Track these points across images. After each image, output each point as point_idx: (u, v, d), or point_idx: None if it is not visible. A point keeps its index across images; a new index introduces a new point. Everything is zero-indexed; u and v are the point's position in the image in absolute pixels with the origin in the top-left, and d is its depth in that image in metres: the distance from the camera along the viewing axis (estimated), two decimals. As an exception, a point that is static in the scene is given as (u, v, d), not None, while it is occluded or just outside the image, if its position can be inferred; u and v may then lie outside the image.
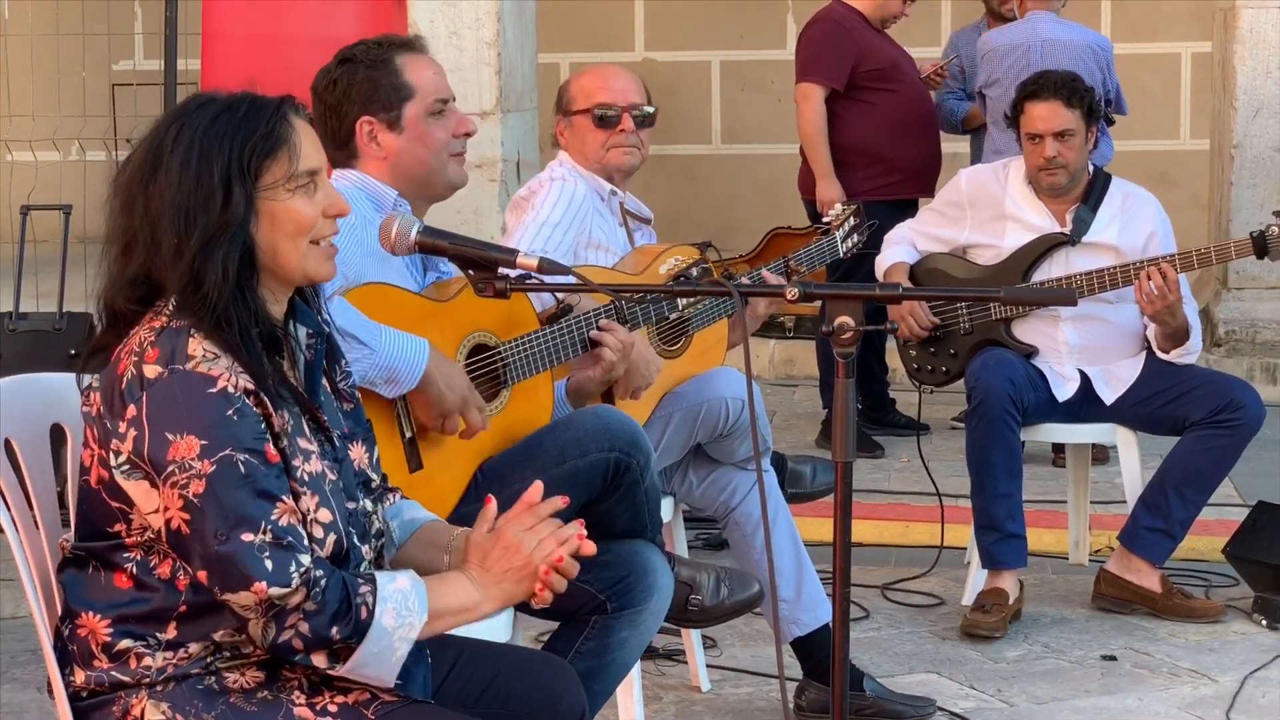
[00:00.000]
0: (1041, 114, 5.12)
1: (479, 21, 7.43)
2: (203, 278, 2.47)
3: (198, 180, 2.49)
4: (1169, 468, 5.06)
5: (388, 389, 3.28)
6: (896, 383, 7.52)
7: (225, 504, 2.40)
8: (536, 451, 3.44)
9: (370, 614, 2.46)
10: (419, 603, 2.51)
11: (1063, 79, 5.21)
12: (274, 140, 2.53)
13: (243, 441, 2.43)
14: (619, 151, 4.29)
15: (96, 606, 2.53)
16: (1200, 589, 5.29)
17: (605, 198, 4.31)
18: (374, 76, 3.54)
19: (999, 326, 5.23)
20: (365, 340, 3.20)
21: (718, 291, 3.00)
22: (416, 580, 2.54)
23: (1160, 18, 10.70)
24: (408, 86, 3.54)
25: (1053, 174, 5.13)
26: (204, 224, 2.48)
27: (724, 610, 3.78)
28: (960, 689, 4.57)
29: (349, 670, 2.49)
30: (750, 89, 11.10)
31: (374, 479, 2.74)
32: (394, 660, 2.50)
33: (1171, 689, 4.56)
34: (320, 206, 2.57)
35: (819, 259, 4.47)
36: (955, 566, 5.48)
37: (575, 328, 3.63)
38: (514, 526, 2.61)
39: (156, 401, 2.43)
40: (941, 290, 5.20)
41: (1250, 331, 8.38)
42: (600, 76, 4.34)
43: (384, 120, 3.55)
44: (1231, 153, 8.28)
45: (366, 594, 2.47)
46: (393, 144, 3.55)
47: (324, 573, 2.45)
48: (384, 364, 3.24)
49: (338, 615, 2.44)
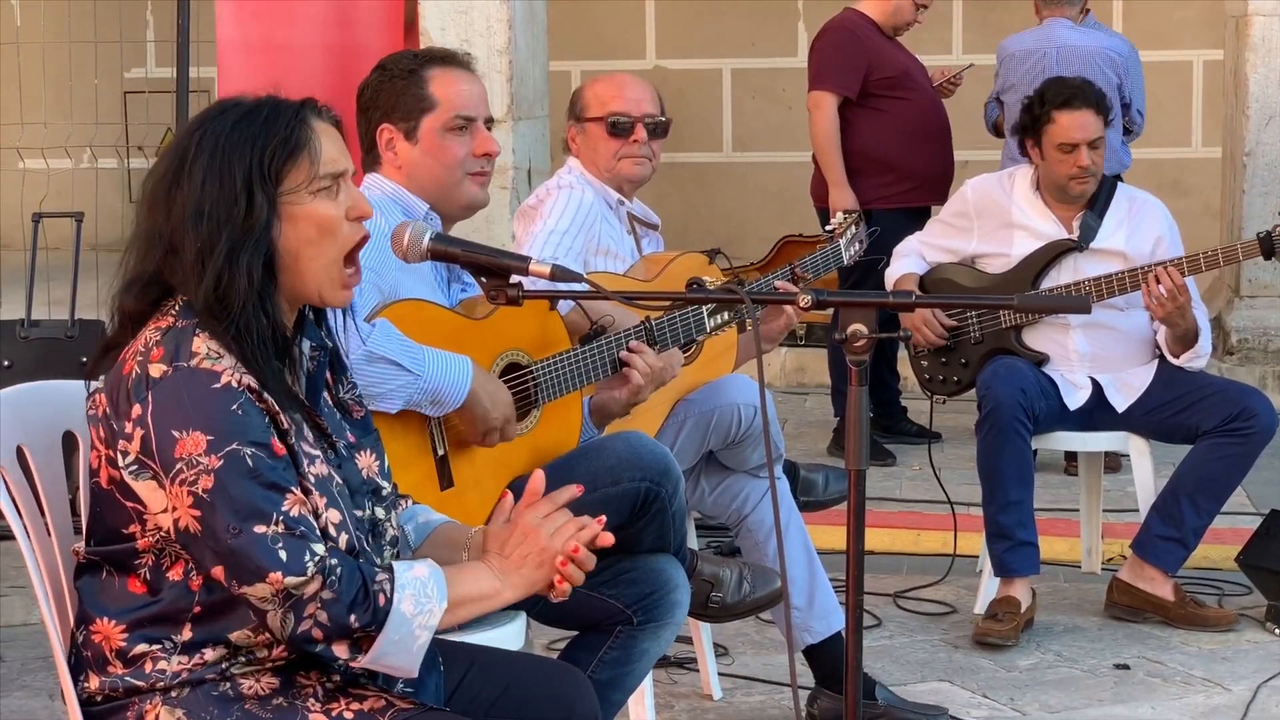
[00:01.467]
0: (1077, 123, 5.08)
1: (490, 29, 7.44)
2: (228, 287, 2.47)
3: (220, 186, 2.49)
4: (1182, 476, 5.05)
5: (433, 410, 3.31)
6: (908, 390, 7.52)
7: (235, 497, 2.40)
8: (568, 476, 3.44)
9: (389, 601, 2.45)
10: (438, 590, 2.50)
11: (1090, 87, 5.19)
12: (294, 144, 2.53)
13: (249, 435, 2.43)
14: (630, 162, 4.29)
15: (111, 611, 2.53)
16: (1213, 598, 5.28)
17: (613, 206, 4.31)
18: (400, 85, 3.57)
19: (1010, 335, 5.22)
20: (409, 367, 3.23)
21: (730, 299, 3.00)
22: (435, 568, 2.54)
23: (1171, 25, 10.69)
24: (430, 99, 3.56)
25: (1084, 182, 5.12)
26: (229, 231, 2.48)
27: (745, 607, 3.80)
28: (973, 698, 4.56)
29: (371, 660, 2.48)
30: (761, 97, 11.10)
31: (385, 487, 2.73)
32: (415, 649, 2.49)
33: (1185, 698, 4.55)
34: (343, 208, 2.56)
35: (824, 266, 4.47)
36: (967, 575, 5.47)
37: (608, 348, 3.63)
38: (531, 515, 2.61)
39: (161, 400, 2.43)
40: (955, 298, 5.19)
41: (1263, 340, 8.37)
42: (615, 85, 4.34)
43: (401, 129, 3.57)
44: (1244, 160, 8.26)
45: (384, 581, 2.47)
46: (407, 154, 3.56)
47: (339, 561, 2.44)
48: (429, 388, 3.27)
49: (355, 603, 2.43)
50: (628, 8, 11.19)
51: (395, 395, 3.24)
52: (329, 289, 2.58)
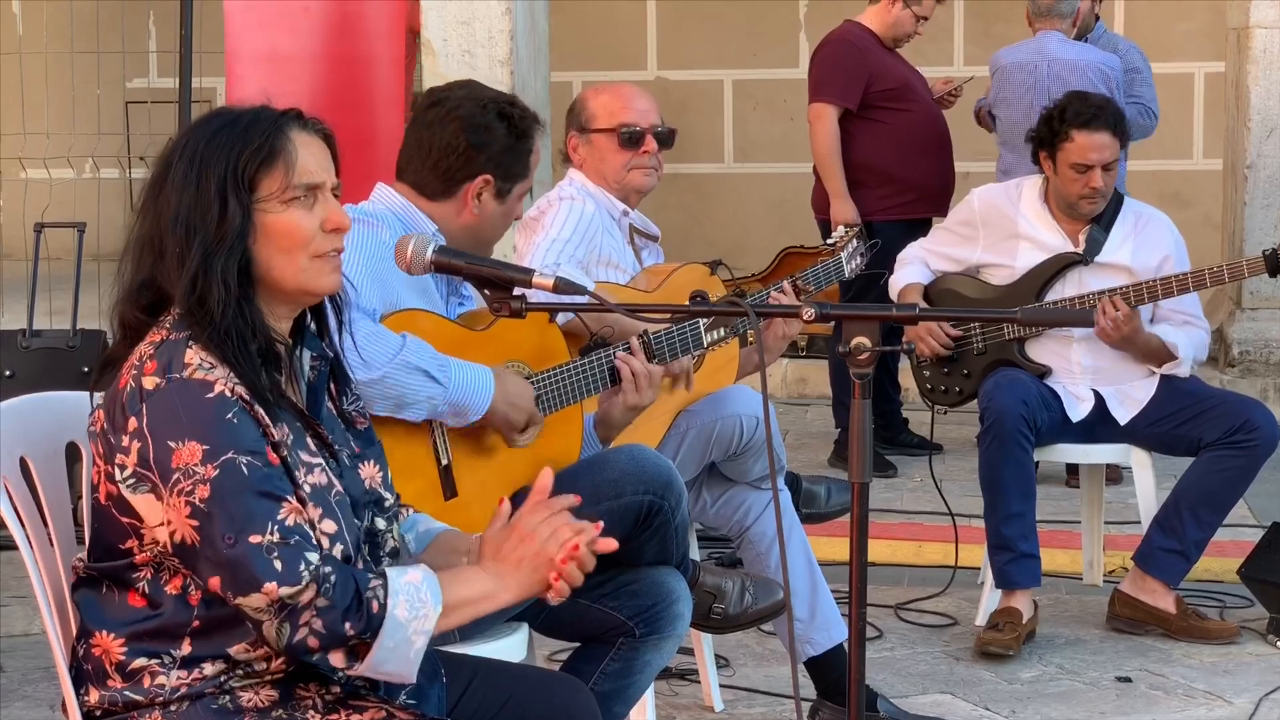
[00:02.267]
0: (1095, 144, 5.04)
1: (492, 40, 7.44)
2: (206, 292, 2.48)
3: (198, 191, 2.51)
4: (1183, 489, 5.05)
5: (455, 420, 3.33)
6: (909, 401, 7.52)
7: (231, 507, 2.40)
8: (570, 489, 3.43)
9: (382, 607, 2.44)
10: (432, 594, 2.49)
11: (1110, 108, 5.14)
12: (267, 151, 2.53)
13: (244, 444, 2.43)
14: (640, 173, 4.29)
15: (110, 625, 2.53)
16: (1215, 610, 5.28)
17: (616, 218, 4.31)
18: (517, 147, 3.57)
19: (1012, 346, 5.22)
20: (436, 376, 3.25)
21: (733, 311, 3.00)
22: (429, 573, 2.52)
23: (1173, 38, 10.70)
24: (528, 170, 3.60)
25: (1093, 202, 5.11)
26: (203, 235, 2.49)
27: (748, 618, 3.80)
28: (974, 710, 4.56)
29: (368, 668, 2.47)
30: (762, 108, 11.11)
31: (387, 498, 2.73)
32: (412, 655, 2.48)
33: (1187, 711, 4.55)
34: (318, 219, 2.56)
35: (825, 279, 4.47)
36: (969, 586, 5.47)
37: (608, 360, 3.63)
38: (529, 518, 2.60)
39: (156, 412, 2.43)
40: (958, 311, 5.18)
41: (1264, 352, 8.37)
42: (623, 96, 4.34)
43: (497, 188, 3.57)
44: (1245, 173, 8.27)
45: (377, 588, 2.46)
46: (489, 210, 3.58)
47: (333, 569, 2.44)
48: (453, 399, 3.29)
49: (350, 610, 2.43)
50: (629, 19, 11.21)
51: (422, 405, 3.26)
52: (314, 280, 2.58)
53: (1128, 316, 4.98)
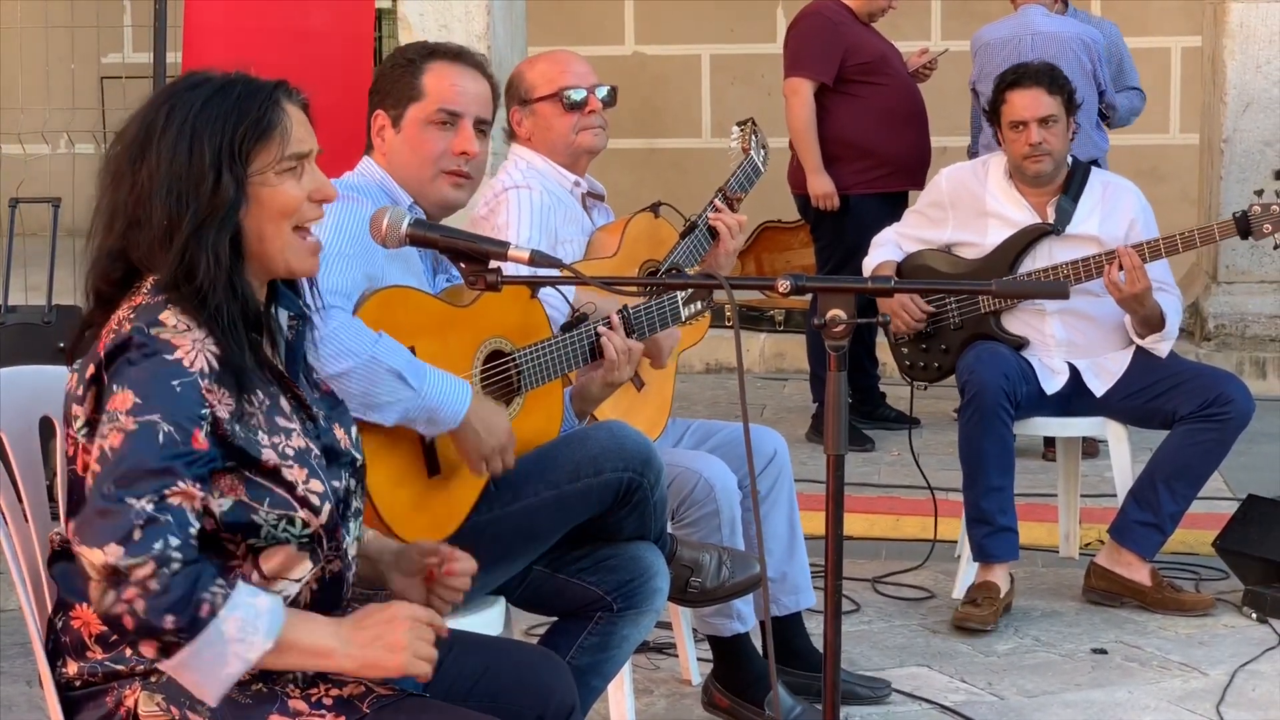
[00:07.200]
0: (1025, 101, 5.14)
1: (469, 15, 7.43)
2: (195, 265, 2.46)
3: (189, 163, 2.48)
4: (1159, 462, 5.07)
5: (427, 428, 3.28)
6: (887, 377, 7.53)
7: (130, 462, 2.35)
8: (550, 465, 3.45)
9: (212, 613, 2.35)
10: (268, 626, 2.39)
11: (1043, 67, 5.26)
12: (266, 125, 2.52)
13: (173, 415, 2.38)
14: (589, 133, 4.27)
15: (89, 597, 2.51)
16: (1190, 582, 5.30)
17: (569, 189, 4.26)
18: (398, 73, 3.58)
19: (989, 320, 5.23)
20: (411, 380, 3.20)
21: (709, 284, 2.99)
22: (278, 604, 2.43)
23: (1150, 12, 10.71)
24: (419, 89, 3.55)
25: (1038, 160, 5.14)
26: (195, 208, 2.47)
27: (724, 591, 3.80)
28: (950, 682, 4.58)
29: (175, 664, 2.37)
30: (740, 83, 11.10)
31: (358, 458, 2.71)
32: (224, 675, 2.37)
33: (1162, 682, 4.57)
34: (306, 190, 2.56)
35: (748, 180, 4.48)
36: (946, 560, 5.49)
37: (589, 335, 3.63)
38: (407, 608, 2.54)
39: (113, 355, 2.42)
40: (934, 283, 5.18)
41: (1240, 325, 8.40)
42: (559, 62, 4.32)
43: (391, 116, 3.57)
44: (1221, 147, 8.29)
45: (217, 593, 2.36)
46: (391, 142, 3.57)
47: (185, 559, 2.34)
48: (427, 405, 3.23)
49: (176, 604, 2.32)
50: (607, -7, 11.19)
51: (393, 408, 3.21)
52: (296, 259, 2.57)
53: (1142, 272, 4.98)
